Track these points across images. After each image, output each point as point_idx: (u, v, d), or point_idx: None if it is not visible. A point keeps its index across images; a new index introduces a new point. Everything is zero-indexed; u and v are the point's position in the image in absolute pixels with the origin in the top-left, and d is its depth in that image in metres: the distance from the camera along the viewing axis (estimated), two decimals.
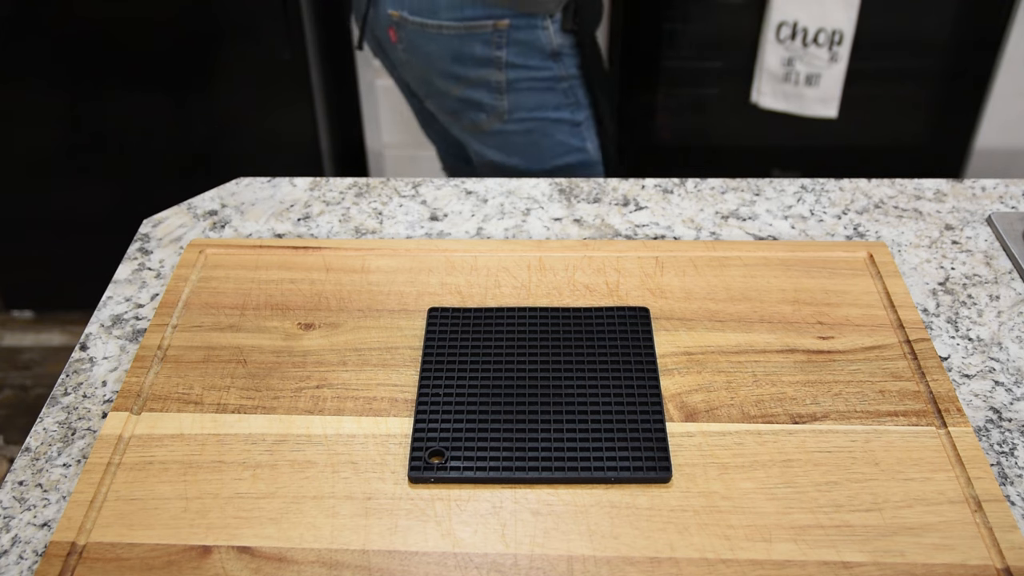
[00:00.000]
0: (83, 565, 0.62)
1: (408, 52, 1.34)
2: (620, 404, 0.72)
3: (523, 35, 1.27)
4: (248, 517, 0.65)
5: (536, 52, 1.29)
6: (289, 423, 0.72)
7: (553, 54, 1.30)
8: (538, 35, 1.28)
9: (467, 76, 1.31)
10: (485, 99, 1.33)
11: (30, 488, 0.69)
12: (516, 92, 1.32)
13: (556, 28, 1.28)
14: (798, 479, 0.67)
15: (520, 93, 1.32)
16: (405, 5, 1.29)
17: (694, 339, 0.79)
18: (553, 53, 1.30)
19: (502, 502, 0.66)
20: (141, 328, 0.83)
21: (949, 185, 0.99)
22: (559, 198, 0.98)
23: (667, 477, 0.67)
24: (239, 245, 0.89)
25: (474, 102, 1.34)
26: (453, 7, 1.25)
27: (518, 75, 1.31)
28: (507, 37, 1.27)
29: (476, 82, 1.32)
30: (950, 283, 0.87)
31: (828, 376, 0.75)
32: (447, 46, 1.29)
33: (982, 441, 0.72)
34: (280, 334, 0.80)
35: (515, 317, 0.80)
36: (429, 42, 1.29)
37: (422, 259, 0.87)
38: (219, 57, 1.75)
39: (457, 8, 1.25)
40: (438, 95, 1.37)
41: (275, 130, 1.85)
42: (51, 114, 1.80)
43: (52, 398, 0.76)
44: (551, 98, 1.34)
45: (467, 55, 1.29)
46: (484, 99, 1.33)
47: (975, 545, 0.63)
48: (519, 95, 1.33)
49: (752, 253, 0.87)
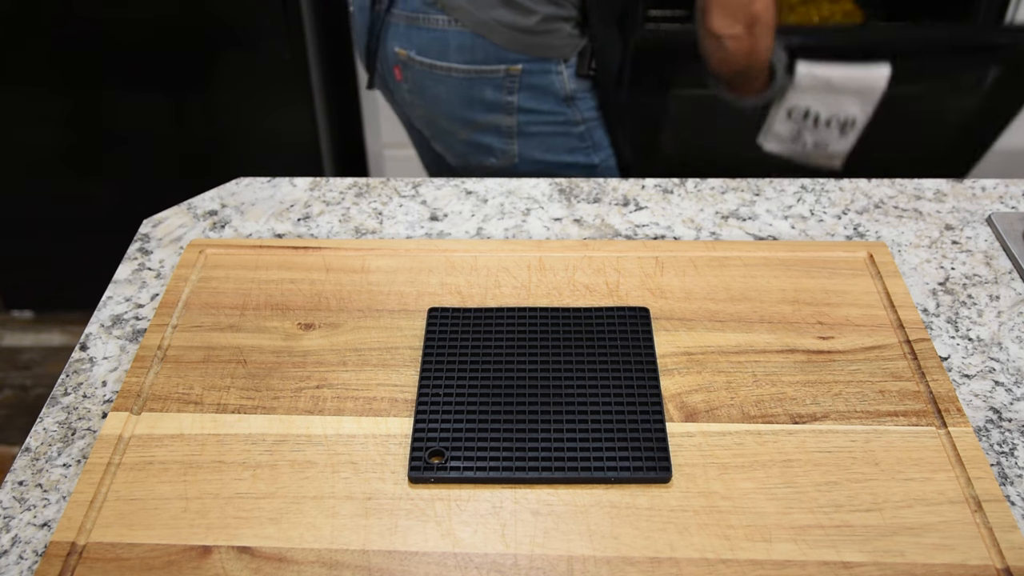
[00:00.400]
0: (83, 565, 0.62)
1: (414, 93, 1.30)
2: (620, 404, 0.72)
3: (536, 80, 1.23)
4: (248, 517, 0.65)
5: (549, 97, 1.25)
6: (289, 423, 0.72)
7: (567, 99, 1.26)
8: (551, 80, 1.24)
9: (476, 120, 1.27)
10: (495, 143, 1.29)
11: (30, 488, 0.69)
12: (527, 136, 1.28)
13: (571, 73, 1.24)
14: (798, 479, 0.67)
15: (531, 137, 1.28)
16: (413, 44, 1.24)
17: (694, 339, 0.79)
18: (567, 98, 1.26)
19: (502, 502, 0.66)
20: (141, 328, 0.83)
21: (949, 185, 0.99)
22: (559, 198, 0.98)
23: (667, 477, 0.67)
24: (239, 245, 0.89)
25: (483, 146, 1.30)
26: (464, 50, 1.21)
27: (529, 119, 1.26)
28: (519, 82, 1.23)
29: (485, 126, 1.27)
30: (950, 283, 0.87)
31: (828, 376, 0.75)
32: (456, 89, 1.24)
33: (982, 441, 0.72)
34: (280, 334, 0.80)
35: (515, 317, 0.80)
36: (437, 84, 1.25)
37: (422, 259, 0.87)
38: (219, 57, 1.75)
39: (468, 51, 1.21)
40: (445, 136, 1.33)
41: (275, 130, 1.85)
42: (51, 114, 1.80)
43: (52, 398, 0.76)
44: (564, 142, 1.29)
45: (477, 99, 1.25)
46: (494, 143, 1.29)
47: (975, 545, 0.63)
48: (530, 139, 1.28)
49: (752, 253, 0.87)
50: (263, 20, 1.71)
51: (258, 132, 1.85)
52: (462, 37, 1.20)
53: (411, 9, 1.22)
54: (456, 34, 1.20)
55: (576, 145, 1.30)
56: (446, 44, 1.22)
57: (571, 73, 1.24)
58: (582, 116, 1.28)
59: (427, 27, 1.22)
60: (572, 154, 1.30)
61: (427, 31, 1.22)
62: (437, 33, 1.22)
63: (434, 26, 1.21)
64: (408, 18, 1.23)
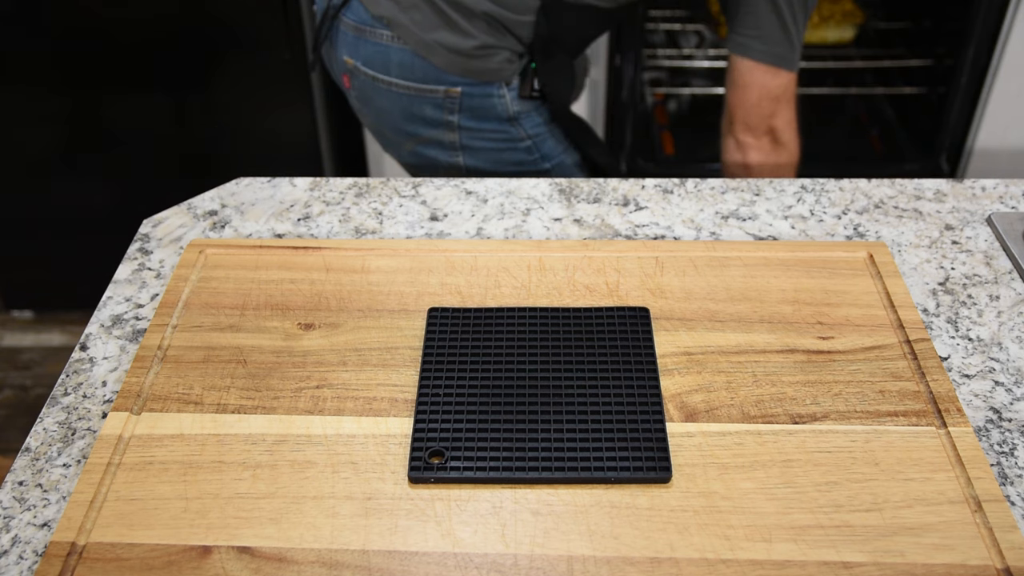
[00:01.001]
0: (83, 565, 0.62)
1: (360, 102, 1.31)
2: (620, 404, 0.72)
3: (476, 102, 1.23)
4: (248, 517, 0.65)
5: (491, 117, 1.25)
6: (289, 423, 0.72)
7: (510, 119, 1.25)
8: (493, 103, 1.24)
9: (419, 134, 1.28)
10: (440, 156, 1.29)
11: (30, 488, 0.69)
12: (472, 151, 1.28)
13: (513, 95, 1.24)
14: (798, 479, 0.67)
15: (476, 151, 1.28)
16: (360, 55, 1.25)
17: (694, 339, 0.79)
18: (510, 118, 1.25)
19: (502, 502, 0.66)
20: (141, 328, 0.83)
21: (949, 185, 0.99)
22: (559, 198, 0.98)
23: (667, 477, 0.67)
24: (239, 245, 0.89)
25: (429, 157, 1.30)
26: (404, 67, 1.22)
27: (472, 137, 1.26)
28: (459, 104, 1.23)
29: (428, 140, 1.28)
30: (950, 283, 0.87)
31: (828, 376, 0.75)
32: (398, 103, 1.25)
33: (982, 441, 0.72)
34: (280, 334, 0.80)
35: (515, 317, 0.80)
36: (381, 96, 1.26)
37: (422, 259, 0.87)
38: (219, 57, 1.75)
39: (408, 69, 1.21)
40: (392, 146, 1.34)
41: (275, 130, 1.85)
42: (51, 114, 1.80)
43: (52, 398, 0.76)
44: (511, 156, 1.29)
45: (417, 115, 1.25)
46: (439, 156, 1.29)
47: (975, 545, 0.63)
48: (475, 152, 1.28)
49: (752, 253, 0.87)
50: (263, 20, 1.71)
51: (258, 132, 1.85)
52: (403, 55, 1.21)
53: (359, 20, 1.23)
54: (398, 51, 1.21)
55: (523, 158, 1.30)
56: (388, 59, 1.22)
57: (514, 96, 1.24)
58: (527, 133, 1.28)
59: (372, 40, 1.23)
60: (521, 165, 1.31)
61: (372, 44, 1.23)
62: (381, 47, 1.22)
63: (379, 40, 1.22)
64: (356, 28, 1.24)
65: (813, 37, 1.99)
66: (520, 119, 1.26)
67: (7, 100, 1.78)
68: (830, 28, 2.00)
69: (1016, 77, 1.74)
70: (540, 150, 1.30)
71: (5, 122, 1.81)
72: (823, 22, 1.99)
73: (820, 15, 1.99)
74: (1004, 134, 1.82)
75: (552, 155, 1.31)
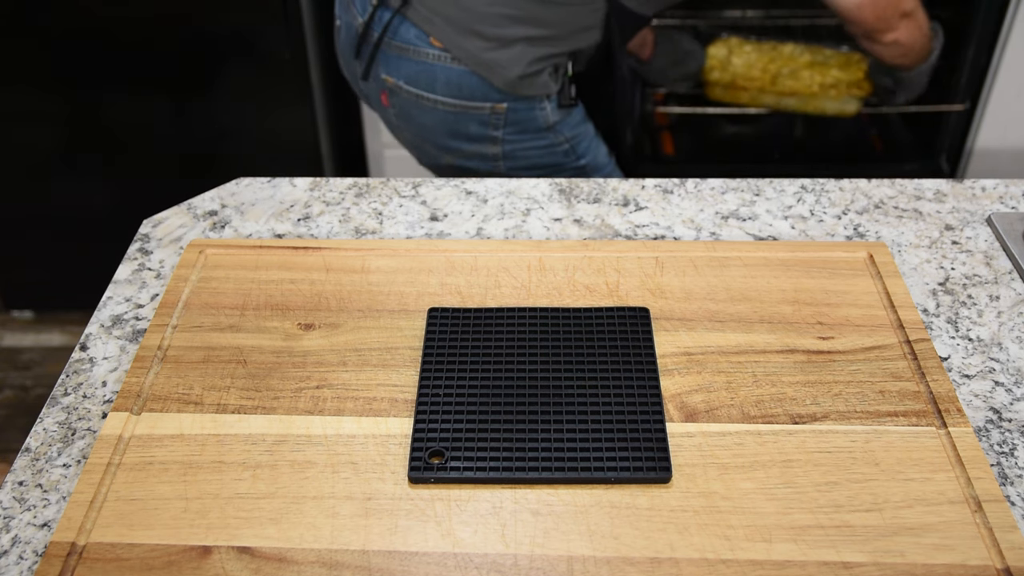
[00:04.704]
0: (83, 565, 0.62)
1: (400, 119, 1.33)
2: (620, 404, 0.72)
3: (521, 116, 1.27)
4: (248, 517, 0.65)
5: (532, 129, 1.29)
6: (289, 423, 0.72)
7: (549, 127, 1.29)
8: (535, 115, 1.27)
9: (461, 149, 1.31)
10: (480, 167, 1.33)
11: (30, 488, 0.69)
12: (512, 159, 1.32)
13: (553, 107, 1.28)
14: (798, 479, 0.67)
15: (516, 160, 1.32)
16: (402, 74, 1.26)
17: (694, 339, 0.79)
18: (549, 127, 1.29)
19: (502, 502, 0.66)
20: (141, 328, 0.83)
21: (949, 185, 0.99)
22: (559, 198, 0.98)
23: (667, 477, 0.67)
24: (239, 245, 0.89)
25: (469, 169, 1.34)
26: (451, 85, 1.24)
27: (514, 148, 1.30)
28: (504, 119, 1.26)
29: (470, 154, 1.31)
30: (950, 283, 0.87)
31: (828, 376, 0.75)
32: (442, 120, 1.27)
33: (982, 441, 0.72)
34: (280, 334, 0.80)
35: (515, 317, 0.80)
36: (424, 114, 1.28)
37: (422, 259, 0.87)
38: (219, 57, 1.75)
39: (455, 87, 1.24)
40: (431, 158, 1.37)
41: (275, 130, 1.85)
42: (51, 114, 1.80)
43: (52, 398, 0.76)
44: (549, 160, 1.33)
45: (462, 132, 1.28)
46: (480, 167, 1.33)
47: (975, 545, 0.63)
48: (516, 160, 1.32)
49: (752, 253, 0.87)
50: (263, 20, 1.71)
51: (258, 132, 1.85)
52: (450, 73, 1.23)
53: (404, 41, 1.25)
54: (444, 69, 1.23)
55: (561, 160, 1.34)
56: (434, 77, 1.24)
57: (554, 107, 1.28)
58: (565, 136, 1.32)
59: (416, 59, 1.25)
60: (557, 166, 1.34)
61: (416, 63, 1.25)
62: (426, 66, 1.24)
63: (424, 59, 1.24)
64: (400, 48, 1.25)
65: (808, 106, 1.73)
66: (558, 126, 1.30)
67: (7, 100, 1.78)
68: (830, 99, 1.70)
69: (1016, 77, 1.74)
70: (576, 151, 1.34)
71: (5, 122, 1.81)
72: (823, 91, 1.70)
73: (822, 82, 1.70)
74: (1004, 134, 1.82)
75: (587, 152, 1.35)
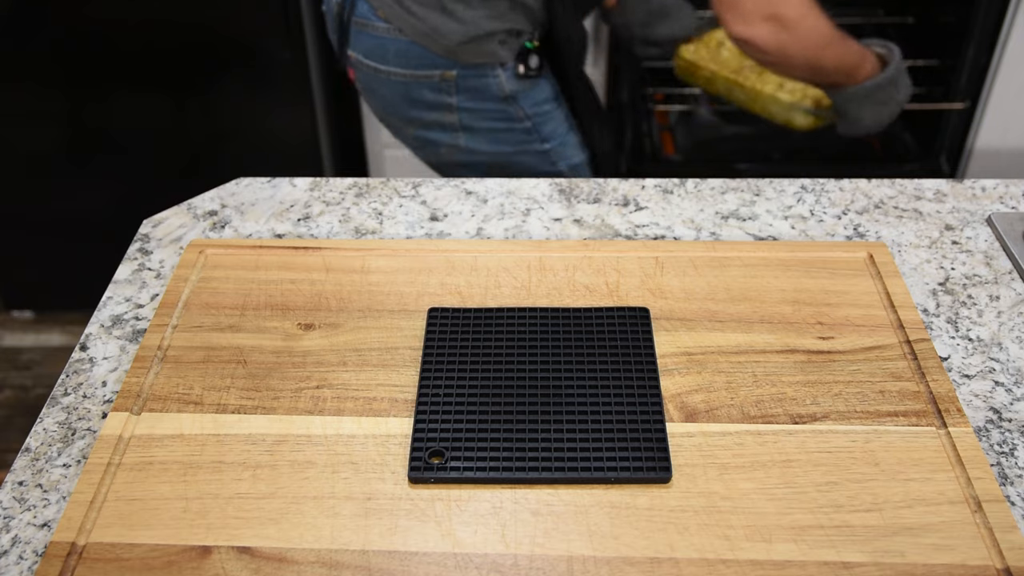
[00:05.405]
0: (83, 565, 0.62)
1: (366, 93, 1.36)
2: (620, 404, 0.72)
3: (472, 83, 1.27)
4: (248, 517, 0.65)
5: (488, 97, 1.29)
6: (289, 423, 0.72)
7: (506, 98, 1.29)
8: (488, 83, 1.27)
9: (421, 118, 1.32)
10: (442, 138, 1.33)
11: (30, 488, 0.69)
12: (472, 131, 1.32)
13: (509, 75, 1.27)
14: (798, 479, 0.67)
15: (476, 132, 1.32)
16: (360, 48, 1.30)
17: (694, 339, 0.79)
18: (506, 97, 1.28)
19: (502, 502, 0.66)
20: (141, 328, 0.83)
21: (949, 185, 0.99)
22: (559, 198, 0.98)
23: (667, 477, 0.67)
24: (239, 245, 0.89)
25: (431, 140, 1.35)
26: (400, 55, 1.26)
27: (472, 117, 1.30)
28: (456, 86, 1.27)
29: (430, 123, 1.32)
30: (950, 283, 0.87)
31: (828, 376, 0.75)
32: (397, 91, 1.30)
33: (982, 441, 0.72)
34: (280, 334, 0.80)
35: (515, 317, 0.80)
36: (382, 85, 1.31)
37: (422, 259, 0.87)
38: (219, 57, 1.75)
39: (403, 56, 1.26)
40: (397, 132, 1.40)
41: (275, 130, 1.85)
42: (51, 114, 1.80)
43: (52, 398, 0.76)
44: (509, 136, 1.32)
45: (418, 99, 1.30)
46: (441, 138, 1.34)
47: (975, 545, 0.63)
48: (475, 133, 1.32)
49: (752, 253, 0.87)
50: (263, 20, 1.71)
51: (258, 132, 1.85)
52: (399, 44, 1.26)
53: (360, 16, 1.28)
54: (393, 41, 1.26)
55: (522, 139, 1.33)
56: (385, 49, 1.27)
57: (509, 75, 1.27)
58: (525, 112, 1.31)
59: (370, 33, 1.28)
60: (520, 145, 1.33)
61: (370, 36, 1.28)
62: (378, 39, 1.27)
63: (376, 32, 1.27)
64: (359, 24, 1.29)
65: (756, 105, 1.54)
66: (518, 98, 1.29)
67: (7, 100, 1.78)
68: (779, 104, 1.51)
69: (1016, 77, 1.74)
70: (540, 132, 1.32)
71: (5, 122, 1.81)
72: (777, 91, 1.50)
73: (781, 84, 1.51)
74: (1004, 134, 1.82)
75: (552, 137, 1.33)
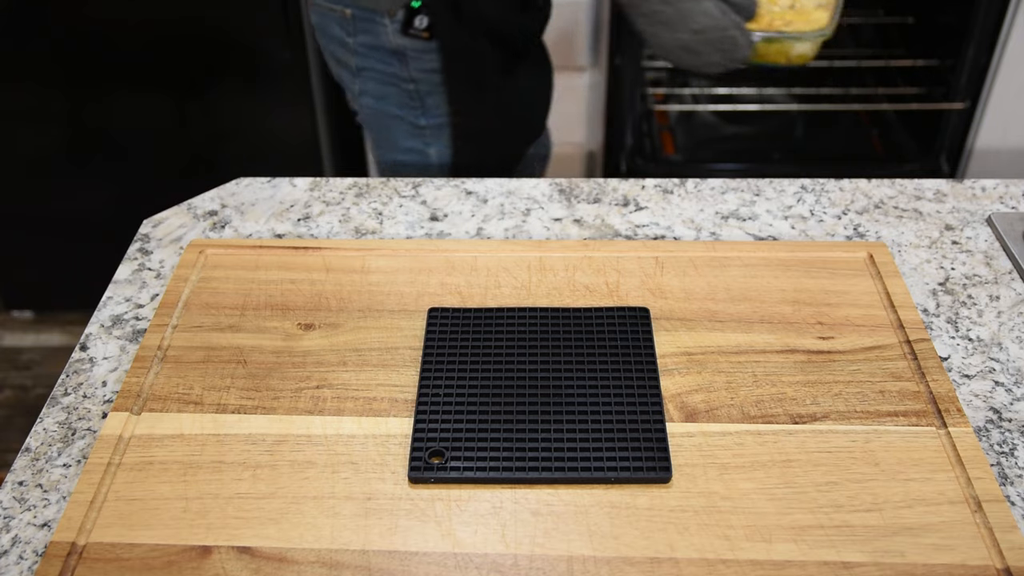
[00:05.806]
0: (83, 565, 0.62)
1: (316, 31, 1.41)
2: (620, 404, 0.72)
3: (366, 27, 1.30)
4: (248, 517, 0.65)
5: (379, 46, 1.31)
6: (289, 423, 0.72)
7: (395, 52, 1.30)
8: (378, 31, 1.29)
9: (333, 53, 1.36)
10: (345, 78, 1.37)
11: (30, 488, 0.69)
12: (365, 79, 1.34)
13: (395, 29, 1.28)
14: (798, 479, 0.67)
15: (368, 81, 1.34)
16: None
17: (694, 339, 0.79)
18: (395, 51, 1.30)
19: (502, 502, 0.66)
20: (141, 328, 0.83)
21: (949, 185, 0.99)
22: (559, 198, 0.98)
23: (667, 477, 0.67)
24: (239, 245, 0.89)
25: (345, 83, 1.39)
26: None
27: (365, 63, 1.33)
28: (354, 26, 1.30)
29: (341, 62, 1.36)
30: (950, 283, 0.87)
31: (828, 376, 0.75)
32: (319, 23, 1.35)
33: (982, 441, 0.72)
34: (280, 334, 0.80)
35: (515, 317, 0.80)
36: (314, 16, 1.36)
37: (422, 259, 0.87)
38: (219, 57, 1.75)
39: None
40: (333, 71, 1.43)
41: (275, 130, 1.85)
42: (51, 114, 1.80)
43: (52, 398, 0.76)
44: (395, 94, 1.34)
45: (330, 34, 1.34)
46: (344, 78, 1.37)
47: (975, 545, 0.63)
48: (367, 83, 1.35)
49: (752, 253, 0.87)
50: (263, 20, 1.71)
51: (258, 132, 1.85)
52: None
53: None
54: None
55: (405, 102, 1.34)
56: None
57: (395, 29, 1.28)
58: (410, 74, 1.31)
59: None
60: (401, 108, 1.34)
61: None
62: None
63: None
64: None
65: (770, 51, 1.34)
66: (407, 56, 1.29)
67: (7, 100, 1.78)
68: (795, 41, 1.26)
69: (1016, 77, 1.74)
70: (423, 102, 1.33)
71: (5, 122, 1.81)
72: None
73: None
74: (1004, 134, 1.82)
75: (433, 112, 1.33)
